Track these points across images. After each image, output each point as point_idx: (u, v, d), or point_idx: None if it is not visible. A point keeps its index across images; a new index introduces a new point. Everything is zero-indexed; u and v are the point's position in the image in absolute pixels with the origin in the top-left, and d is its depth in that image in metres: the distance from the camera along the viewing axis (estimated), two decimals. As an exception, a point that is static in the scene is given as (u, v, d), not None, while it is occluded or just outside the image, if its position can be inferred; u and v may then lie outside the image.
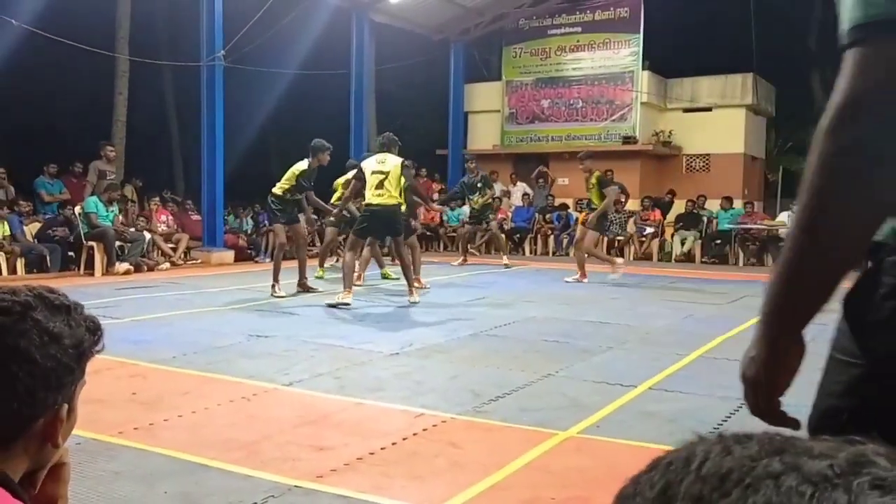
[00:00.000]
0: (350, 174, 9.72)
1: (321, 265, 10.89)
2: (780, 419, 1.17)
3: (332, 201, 10.38)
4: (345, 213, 9.67)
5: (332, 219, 10.36)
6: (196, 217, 13.72)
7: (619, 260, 11.10)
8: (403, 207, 8.71)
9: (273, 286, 8.80)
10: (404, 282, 8.56)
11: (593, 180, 10.77)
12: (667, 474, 0.49)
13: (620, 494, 0.53)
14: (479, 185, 14.04)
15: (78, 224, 11.17)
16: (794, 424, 1.16)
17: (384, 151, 8.45)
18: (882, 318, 1.08)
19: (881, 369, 1.07)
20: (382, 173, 8.17)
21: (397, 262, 9.42)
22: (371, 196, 8.20)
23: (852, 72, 0.95)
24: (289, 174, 8.98)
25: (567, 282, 10.72)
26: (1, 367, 0.96)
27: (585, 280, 10.67)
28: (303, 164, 8.91)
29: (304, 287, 9.18)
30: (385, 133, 8.79)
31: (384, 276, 10.73)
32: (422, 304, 8.23)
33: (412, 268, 8.80)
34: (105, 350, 1.10)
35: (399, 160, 8.36)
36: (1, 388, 0.96)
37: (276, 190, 9.04)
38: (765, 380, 1.15)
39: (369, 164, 8.35)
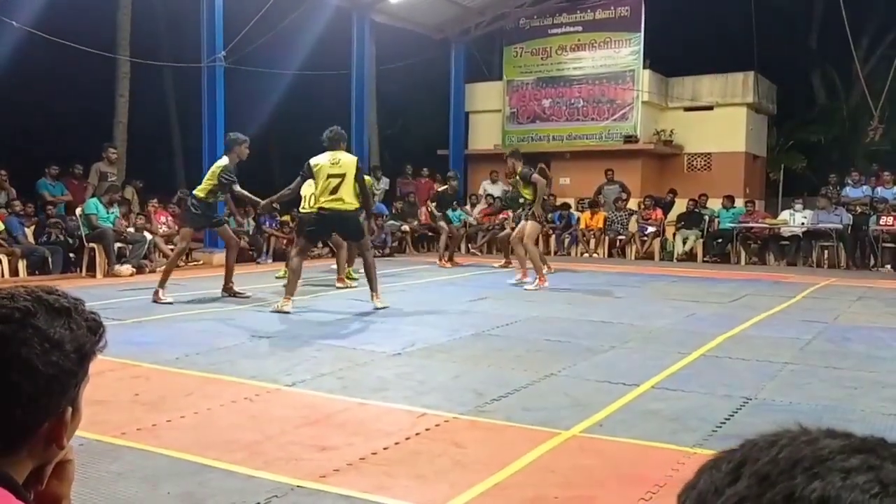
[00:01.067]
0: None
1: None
2: None
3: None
4: (275, 205, 9.32)
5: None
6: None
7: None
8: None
9: (157, 291, 8.25)
10: (392, 282, 8.56)
11: (517, 177, 10.22)
12: (748, 452, 0.52)
13: (703, 466, 0.55)
14: (453, 202, 14.14)
15: (78, 225, 11.18)
16: None
17: (335, 149, 7.83)
18: None
19: None
20: (338, 176, 7.63)
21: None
22: (325, 201, 7.68)
23: None
24: (209, 174, 8.55)
25: (511, 284, 9.95)
26: (2, 376, 0.95)
27: (545, 284, 9.68)
28: (223, 161, 8.48)
29: (230, 292, 8.74)
30: (333, 127, 8.01)
31: (348, 277, 10.20)
32: (424, 304, 8.22)
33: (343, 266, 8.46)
34: (107, 351, 1.09)
35: (354, 159, 7.86)
36: (3, 397, 0.96)
37: (198, 192, 8.56)
38: None
39: (323, 165, 7.70)
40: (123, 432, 3.74)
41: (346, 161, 7.76)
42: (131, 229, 11.80)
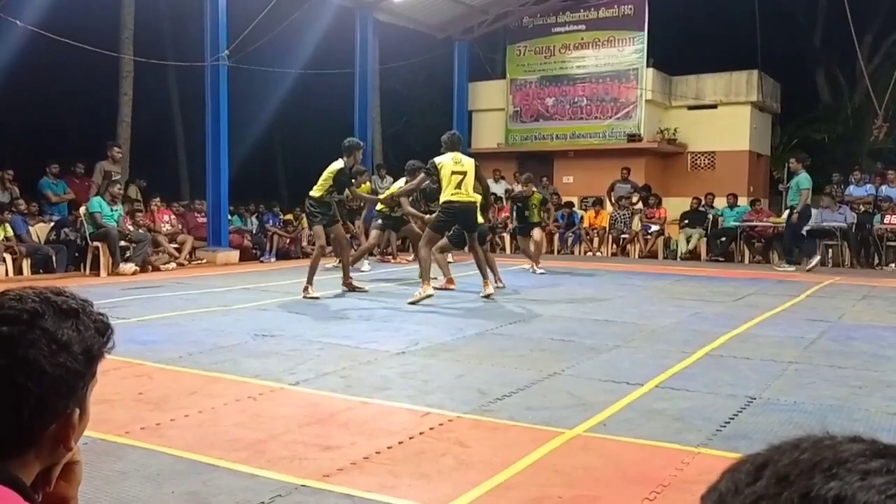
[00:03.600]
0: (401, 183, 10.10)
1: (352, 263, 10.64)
2: None
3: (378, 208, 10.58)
4: (394, 203, 9.93)
5: (380, 221, 10.63)
6: (202, 219, 13.73)
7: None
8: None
9: (307, 287, 8.61)
10: (395, 281, 8.62)
11: (532, 196, 11.66)
12: (771, 454, 0.53)
13: (726, 468, 0.56)
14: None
15: (83, 225, 11.20)
16: None
17: (455, 150, 8.62)
18: None
19: None
20: (461, 173, 8.39)
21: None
22: (451, 194, 8.37)
23: None
24: (325, 175, 8.79)
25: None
26: (10, 378, 0.95)
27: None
28: (339, 164, 8.76)
29: (350, 287, 9.16)
30: (452, 132, 9.06)
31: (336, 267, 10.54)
32: (427, 303, 8.22)
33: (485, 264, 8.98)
34: (113, 349, 1.09)
35: (473, 160, 8.63)
36: (12, 399, 0.95)
37: (314, 192, 8.85)
38: None
39: (447, 163, 8.51)
40: (127, 431, 3.74)
41: (467, 161, 8.57)
42: (139, 230, 11.82)
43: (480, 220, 9.23)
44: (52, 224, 11.74)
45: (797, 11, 20.55)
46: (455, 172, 8.39)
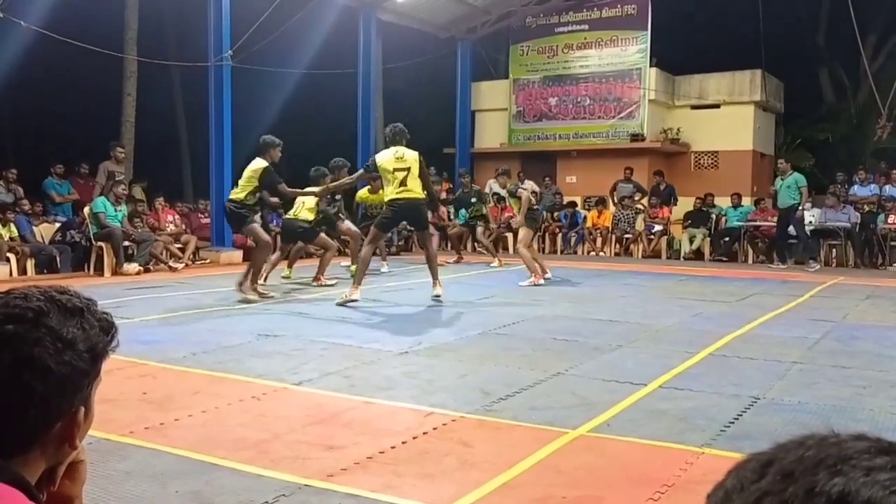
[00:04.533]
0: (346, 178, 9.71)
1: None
2: None
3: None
4: (329, 196, 9.75)
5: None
6: (206, 220, 13.74)
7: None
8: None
9: (245, 285, 8.41)
10: (398, 281, 8.59)
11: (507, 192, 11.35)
12: (776, 452, 0.53)
13: (732, 467, 0.57)
14: (472, 200, 14.26)
15: (88, 227, 11.23)
16: None
17: (397, 144, 8.24)
18: None
19: None
20: (404, 169, 8.03)
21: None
22: (395, 193, 8.05)
23: None
24: (247, 175, 8.62)
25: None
26: (16, 376, 0.95)
27: (540, 281, 9.96)
28: (260, 163, 8.59)
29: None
30: (395, 124, 8.53)
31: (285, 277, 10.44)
32: (429, 303, 8.23)
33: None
34: (117, 348, 1.09)
35: (416, 153, 8.19)
36: (17, 397, 0.96)
37: (235, 194, 8.65)
38: None
39: (387, 160, 8.15)
40: (131, 431, 3.74)
41: (409, 154, 8.13)
42: (145, 230, 11.84)
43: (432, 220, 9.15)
44: (58, 226, 11.77)
45: (800, 11, 20.51)
46: (397, 170, 8.02)
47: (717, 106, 17.18)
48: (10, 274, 10.40)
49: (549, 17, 18.03)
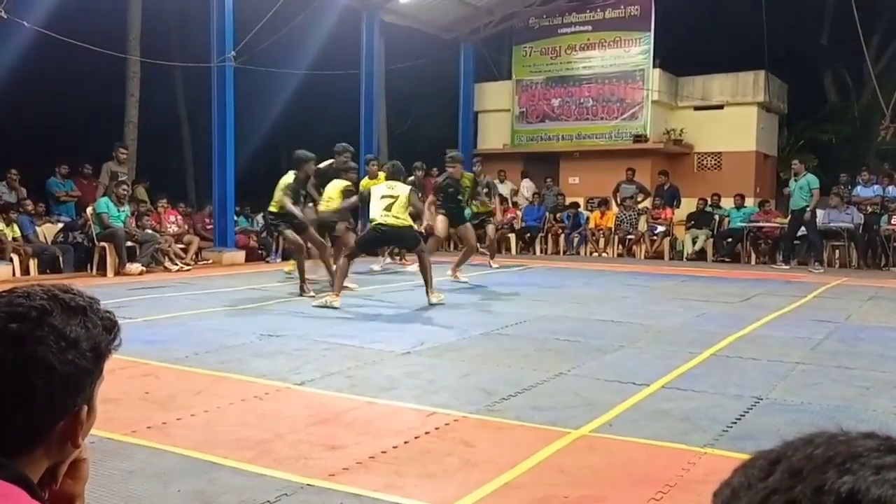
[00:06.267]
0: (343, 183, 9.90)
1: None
2: None
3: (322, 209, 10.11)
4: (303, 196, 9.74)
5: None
6: (210, 226, 13.74)
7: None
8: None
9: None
10: (400, 280, 8.58)
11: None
12: (784, 450, 0.53)
13: (739, 465, 0.56)
14: (484, 191, 14.08)
15: (91, 227, 11.25)
16: None
17: (394, 180, 8.58)
18: None
19: None
20: (392, 197, 8.30)
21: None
22: (380, 217, 8.27)
23: None
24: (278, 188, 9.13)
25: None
26: (19, 375, 0.95)
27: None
28: (289, 177, 9.11)
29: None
30: (394, 162, 9.04)
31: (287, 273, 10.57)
32: (434, 303, 8.22)
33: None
34: (120, 347, 1.09)
35: (408, 188, 8.47)
36: (20, 396, 0.95)
37: (272, 207, 9.21)
38: None
39: (378, 188, 8.58)
40: (134, 430, 3.75)
41: (401, 188, 8.42)
42: (148, 230, 11.86)
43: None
44: (61, 226, 11.79)
45: (804, 12, 20.48)
46: (384, 196, 8.33)
47: (720, 107, 17.16)
48: (13, 274, 10.42)
49: (552, 18, 18.02)
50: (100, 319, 1.04)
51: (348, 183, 10.06)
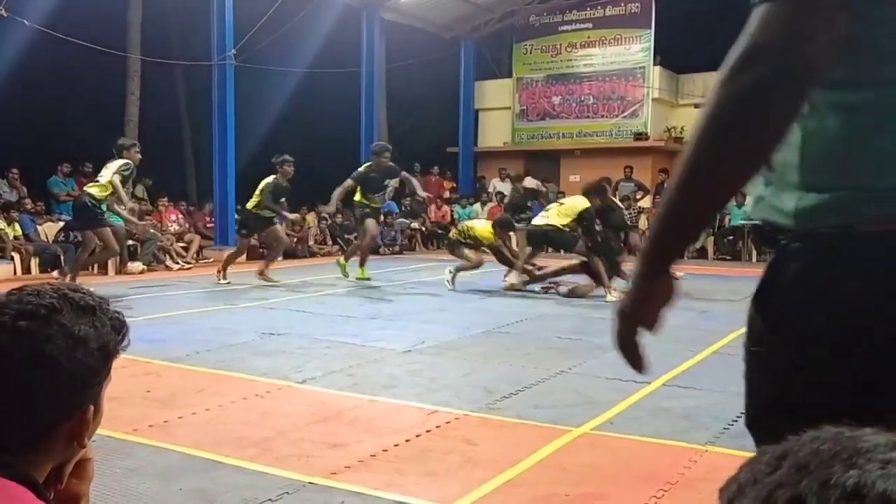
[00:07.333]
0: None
1: (362, 263, 10.18)
2: (634, 354, 1.25)
3: (249, 206, 9.91)
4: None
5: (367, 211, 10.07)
6: (211, 224, 13.75)
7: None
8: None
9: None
10: (402, 280, 8.58)
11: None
12: (790, 445, 0.54)
13: (746, 461, 0.56)
14: (528, 204, 14.03)
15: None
16: (643, 366, 1.23)
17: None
18: (790, 304, 1.08)
19: (792, 355, 1.06)
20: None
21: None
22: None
23: (758, 24, 0.96)
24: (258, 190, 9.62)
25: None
26: (27, 373, 0.95)
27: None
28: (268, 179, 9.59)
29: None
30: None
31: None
32: (433, 302, 8.24)
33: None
34: (128, 347, 1.10)
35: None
36: (27, 393, 0.96)
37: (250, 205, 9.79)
38: (630, 310, 1.20)
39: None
40: (135, 429, 3.75)
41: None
42: (150, 230, 11.86)
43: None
44: (62, 224, 11.77)
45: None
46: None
47: (720, 104, 17.12)
48: (14, 272, 10.43)
49: (552, 15, 18.03)
50: (109, 319, 1.04)
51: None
